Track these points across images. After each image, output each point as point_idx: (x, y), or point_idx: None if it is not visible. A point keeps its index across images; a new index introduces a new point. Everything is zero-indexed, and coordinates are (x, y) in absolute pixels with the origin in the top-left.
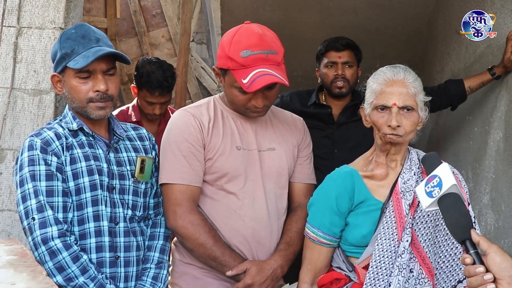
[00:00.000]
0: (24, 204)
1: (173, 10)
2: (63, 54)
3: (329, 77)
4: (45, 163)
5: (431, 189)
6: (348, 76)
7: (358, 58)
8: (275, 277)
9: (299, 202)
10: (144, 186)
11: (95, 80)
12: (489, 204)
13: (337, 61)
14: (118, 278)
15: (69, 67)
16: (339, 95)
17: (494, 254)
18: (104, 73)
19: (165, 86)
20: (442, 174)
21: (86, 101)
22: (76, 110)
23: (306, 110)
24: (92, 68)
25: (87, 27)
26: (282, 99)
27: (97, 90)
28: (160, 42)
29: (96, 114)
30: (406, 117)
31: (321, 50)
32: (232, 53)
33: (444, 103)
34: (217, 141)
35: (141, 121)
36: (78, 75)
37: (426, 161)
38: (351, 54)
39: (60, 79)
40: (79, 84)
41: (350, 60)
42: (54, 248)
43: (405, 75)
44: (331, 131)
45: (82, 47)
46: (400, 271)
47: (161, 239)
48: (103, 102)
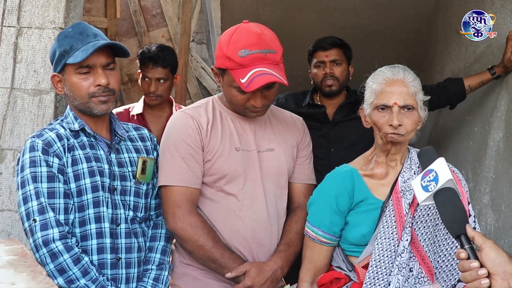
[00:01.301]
0: (26, 206)
1: (173, 10)
2: (62, 52)
3: (318, 77)
4: (46, 164)
5: (427, 183)
6: (337, 74)
7: (347, 56)
8: (275, 278)
9: (299, 203)
10: (145, 187)
11: (95, 75)
12: (489, 204)
13: (324, 60)
14: (119, 279)
15: (68, 63)
16: (330, 94)
17: (489, 249)
18: (104, 67)
19: (159, 58)
20: (439, 168)
21: (88, 97)
22: (79, 107)
23: (301, 110)
24: (92, 63)
25: (84, 25)
26: (277, 101)
27: (98, 84)
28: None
29: (99, 109)
30: (407, 116)
31: (310, 51)
32: (230, 52)
33: (443, 102)
34: (216, 143)
35: (144, 114)
36: (78, 71)
37: (422, 155)
38: (338, 52)
39: (61, 78)
40: (79, 80)
41: (338, 58)
42: (55, 250)
43: (405, 74)
44: (327, 131)
45: (81, 42)
46: (400, 270)
47: (163, 240)
48: (105, 96)
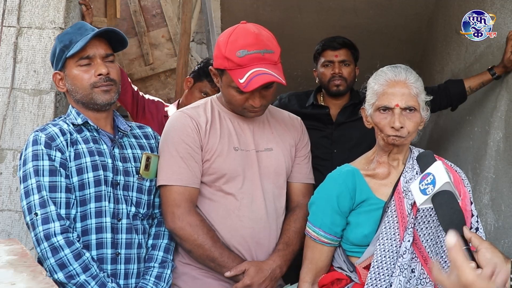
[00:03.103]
0: (27, 199)
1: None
2: (62, 47)
3: (326, 76)
4: (48, 158)
5: (425, 186)
6: (345, 74)
7: (355, 57)
8: (274, 277)
9: (298, 202)
10: (148, 183)
11: (95, 66)
12: (489, 204)
13: (333, 60)
14: (118, 275)
15: (68, 57)
16: (336, 94)
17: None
18: (103, 59)
19: None
20: (436, 172)
21: (90, 87)
22: (82, 101)
23: (304, 111)
24: (91, 54)
25: (82, 22)
26: (280, 101)
27: (99, 73)
28: (160, 42)
29: (102, 99)
30: (409, 118)
31: (318, 50)
32: (228, 53)
33: (444, 103)
34: (215, 142)
35: None
36: (78, 63)
37: (421, 159)
38: (347, 52)
39: (62, 76)
40: (80, 72)
41: (347, 59)
42: (56, 245)
43: (407, 75)
44: (330, 131)
45: (79, 35)
46: (402, 271)
47: (166, 238)
48: (107, 85)
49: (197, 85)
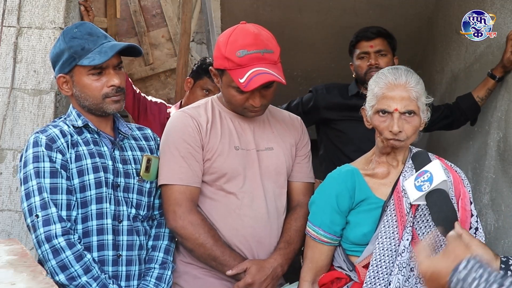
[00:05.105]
0: (28, 201)
1: (173, 10)
2: (73, 54)
3: (362, 69)
4: (49, 160)
5: (421, 183)
6: (382, 65)
7: (392, 46)
8: (275, 276)
9: (298, 201)
10: (149, 185)
11: (108, 76)
12: (489, 204)
13: (369, 50)
14: (120, 276)
15: (81, 65)
16: None
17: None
18: (114, 68)
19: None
20: (433, 169)
21: (102, 97)
22: (90, 107)
23: (348, 102)
24: (105, 64)
25: (90, 25)
26: (317, 92)
27: (112, 85)
28: (160, 42)
29: (112, 108)
30: (408, 122)
31: (352, 42)
32: (228, 53)
33: (462, 120)
34: (215, 142)
35: None
36: (91, 72)
37: (416, 158)
38: (383, 42)
39: (68, 80)
40: (92, 81)
41: (383, 49)
42: (57, 247)
43: (407, 78)
44: None
45: (93, 44)
46: (400, 270)
47: (166, 239)
48: (118, 96)
49: (198, 84)
